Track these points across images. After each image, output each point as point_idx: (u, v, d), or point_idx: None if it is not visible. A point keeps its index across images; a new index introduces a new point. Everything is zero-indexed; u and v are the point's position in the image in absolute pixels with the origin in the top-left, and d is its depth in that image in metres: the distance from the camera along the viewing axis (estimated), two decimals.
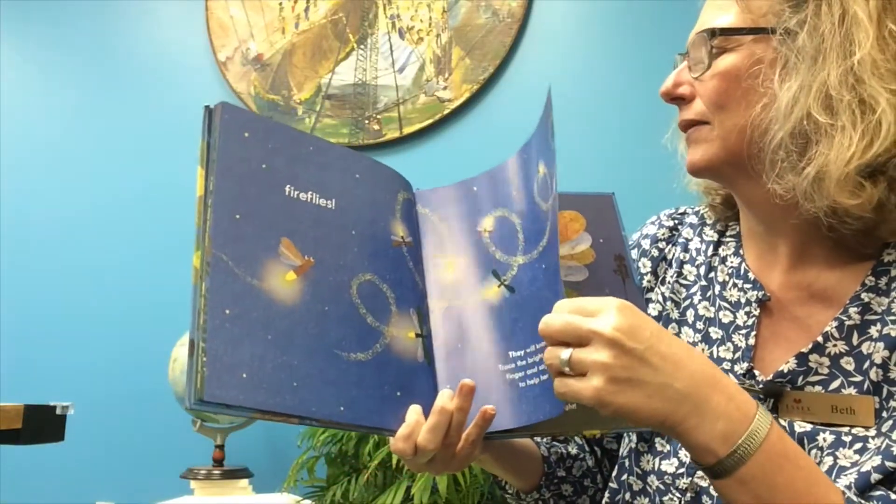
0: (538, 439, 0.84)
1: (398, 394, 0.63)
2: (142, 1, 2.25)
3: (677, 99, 0.73)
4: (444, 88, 1.93)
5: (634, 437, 0.77)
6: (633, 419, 0.54)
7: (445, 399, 0.62)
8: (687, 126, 0.73)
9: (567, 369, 0.54)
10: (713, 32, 0.68)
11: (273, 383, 0.57)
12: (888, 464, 0.59)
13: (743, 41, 0.67)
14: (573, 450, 0.86)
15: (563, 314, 0.56)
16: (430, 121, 1.93)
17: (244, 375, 0.56)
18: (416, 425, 0.62)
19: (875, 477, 0.59)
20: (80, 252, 2.14)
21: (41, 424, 0.94)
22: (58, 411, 0.97)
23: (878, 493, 0.58)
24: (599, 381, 0.53)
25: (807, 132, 0.63)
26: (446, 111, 1.92)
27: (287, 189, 0.65)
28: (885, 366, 0.62)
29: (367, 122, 1.99)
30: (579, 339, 0.54)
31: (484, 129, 1.90)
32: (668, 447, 0.73)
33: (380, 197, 0.71)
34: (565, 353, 0.54)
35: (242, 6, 2.14)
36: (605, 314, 0.54)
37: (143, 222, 2.11)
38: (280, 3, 2.11)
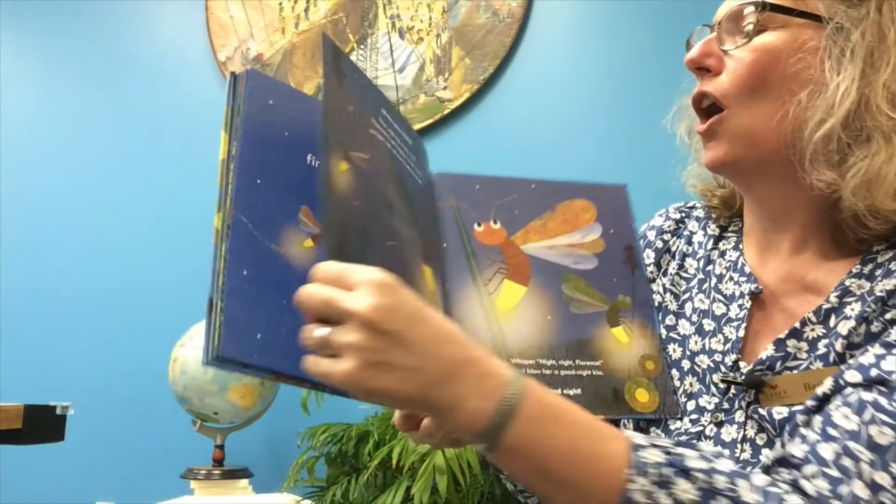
0: None
1: None
2: (142, 1, 2.25)
3: (702, 69, 0.70)
4: (444, 88, 1.93)
5: (632, 426, 0.77)
6: (386, 403, 0.53)
7: None
8: (700, 98, 0.70)
9: (321, 349, 0.52)
10: (763, 6, 0.66)
11: (287, 346, 0.57)
12: (809, 403, 0.60)
13: (790, 22, 0.66)
14: None
15: (323, 287, 0.52)
16: (430, 121, 1.93)
17: (259, 336, 0.57)
18: None
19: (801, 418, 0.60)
20: (81, 252, 2.14)
21: (41, 424, 0.94)
22: (58, 411, 0.97)
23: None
24: (352, 364, 0.50)
25: (861, 127, 0.62)
26: (446, 111, 1.92)
27: (309, 158, 0.65)
28: (849, 336, 0.63)
29: None
30: (335, 318, 0.52)
31: (484, 129, 1.90)
32: (663, 437, 0.73)
33: None
34: (320, 331, 0.52)
35: (242, 6, 2.14)
36: (363, 290, 0.51)
37: (143, 222, 2.11)
38: (280, 3, 2.11)
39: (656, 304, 0.80)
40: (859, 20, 0.63)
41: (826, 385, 0.59)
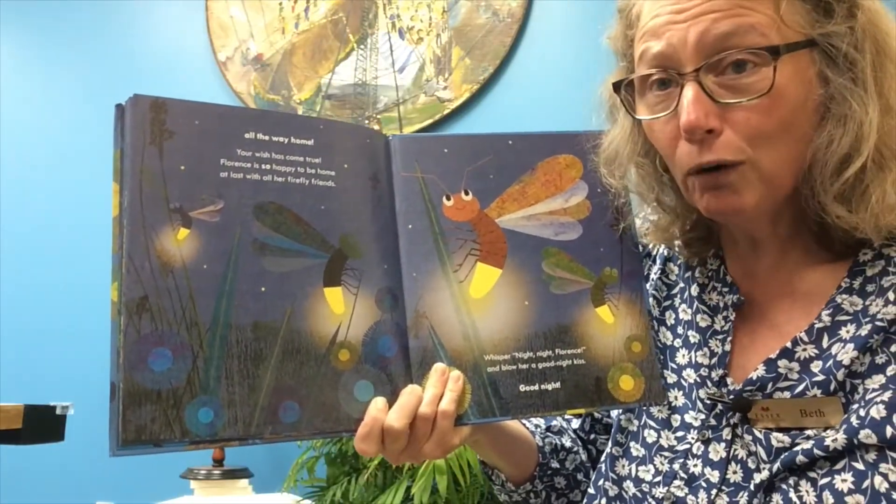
0: (532, 427, 0.82)
1: None
2: (142, 1, 2.25)
3: (701, 134, 0.60)
4: (444, 88, 1.93)
5: (610, 442, 0.75)
6: None
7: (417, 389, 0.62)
8: (713, 168, 0.61)
9: None
10: (776, 50, 0.58)
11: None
12: (816, 451, 0.58)
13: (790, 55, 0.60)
14: (567, 442, 0.83)
15: None
16: (430, 121, 1.93)
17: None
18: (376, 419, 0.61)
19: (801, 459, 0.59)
20: (80, 251, 2.14)
21: (41, 424, 0.94)
22: (58, 411, 0.97)
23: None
24: None
25: (882, 157, 0.59)
26: (446, 111, 1.92)
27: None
28: (851, 365, 0.60)
29: (367, 122, 1.99)
30: None
31: (484, 129, 1.89)
32: (643, 452, 0.71)
33: None
34: None
35: (242, 6, 2.14)
36: None
37: None
38: (280, 3, 2.11)
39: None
40: (844, 35, 0.59)
41: (839, 440, 0.57)
